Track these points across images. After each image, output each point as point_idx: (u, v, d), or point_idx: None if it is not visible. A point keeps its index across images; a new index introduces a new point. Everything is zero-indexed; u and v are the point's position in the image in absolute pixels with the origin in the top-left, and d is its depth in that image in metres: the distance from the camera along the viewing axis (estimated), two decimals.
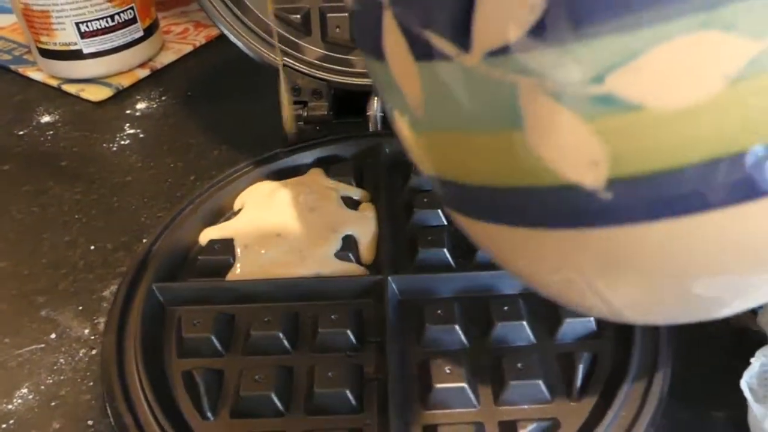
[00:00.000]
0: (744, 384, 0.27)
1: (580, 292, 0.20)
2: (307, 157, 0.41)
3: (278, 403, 0.27)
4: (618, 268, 0.18)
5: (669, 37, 0.14)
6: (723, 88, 0.14)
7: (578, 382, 0.28)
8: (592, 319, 0.30)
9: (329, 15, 0.42)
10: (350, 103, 0.45)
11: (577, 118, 0.15)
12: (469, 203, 0.20)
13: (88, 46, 0.53)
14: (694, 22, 0.14)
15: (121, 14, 0.54)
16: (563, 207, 0.17)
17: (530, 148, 0.16)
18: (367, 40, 0.20)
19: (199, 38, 0.63)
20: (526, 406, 0.28)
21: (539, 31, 0.15)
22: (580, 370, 0.28)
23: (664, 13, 0.14)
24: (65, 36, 0.52)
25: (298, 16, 0.43)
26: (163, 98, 0.54)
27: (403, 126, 0.21)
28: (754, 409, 0.26)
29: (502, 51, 0.15)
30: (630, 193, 0.16)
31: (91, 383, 0.31)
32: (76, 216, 0.42)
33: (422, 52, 0.17)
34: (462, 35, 0.16)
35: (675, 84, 0.14)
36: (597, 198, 0.16)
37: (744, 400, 0.26)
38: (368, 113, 0.44)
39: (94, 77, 0.55)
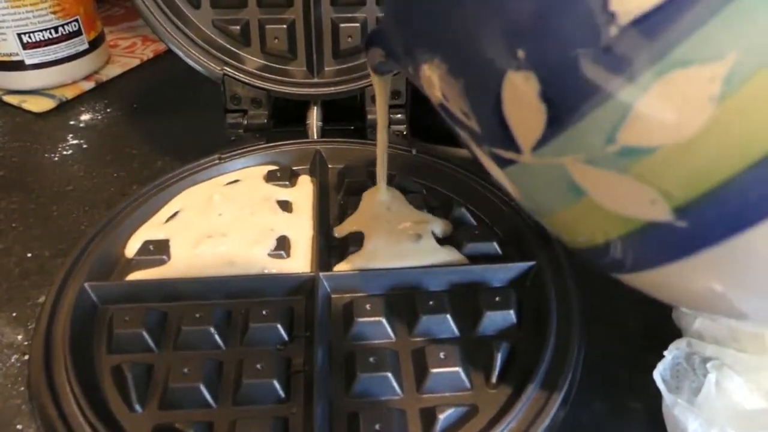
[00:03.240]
0: (657, 375, 0.28)
1: (712, 303, 0.21)
2: (244, 162, 0.41)
3: (206, 395, 0.28)
4: (732, 280, 0.19)
5: (645, 89, 0.16)
6: (715, 110, 0.16)
7: (496, 371, 0.29)
8: (512, 312, 0.31)
9: (268, 26, 0.43)
10: (290, 112, 0.46)
11: (616, 173, 0.18)
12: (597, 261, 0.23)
13: (30, 57, 0.53)
14: (654, 73, 0.16)
15: (66, 26, 0.54)
16: (658, 244, 0.19)
17: (602, 206, 0.19)
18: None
19: (147, 53, 0.63)
20: (446, 394, 0.28)
21: (553, 124, 0.18)
22: (498, 359, 0.29)
23: (627, 78, 0.16)
24: (6, 46, 0.52)
25: (238, 27, 0.44)
26: (108, 110, 0.55)
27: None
28: (667, 398, 0.27)
29: (540, 144, 0.19)
30: (699, 217, 0.17)
31: (22, 388, 0.31)
32: (13, 224, 0.41)
33: (500, 162, 0.22)
34: (512, 142, 0.20)
35: (672, 121, 0.16)
36: (676, 227, 0.18)
37: (658, 390, 0.27)
38: (307, 122, 0.46)
39: (37, 89, 0.55)
